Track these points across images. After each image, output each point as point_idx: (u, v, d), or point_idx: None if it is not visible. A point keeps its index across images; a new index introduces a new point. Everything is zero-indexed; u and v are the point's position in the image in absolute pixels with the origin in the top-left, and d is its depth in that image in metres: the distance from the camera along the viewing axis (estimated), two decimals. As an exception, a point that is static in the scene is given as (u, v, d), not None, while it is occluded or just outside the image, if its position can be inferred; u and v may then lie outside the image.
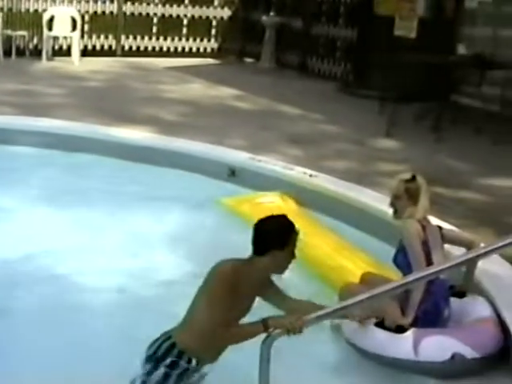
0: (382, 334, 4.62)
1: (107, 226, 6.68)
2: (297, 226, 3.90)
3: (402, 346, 4.54)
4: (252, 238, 3.88)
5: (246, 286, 3.87)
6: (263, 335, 3.81)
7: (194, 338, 3.86)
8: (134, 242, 6.42)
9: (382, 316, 4.66)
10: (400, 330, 4.61)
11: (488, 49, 11.93)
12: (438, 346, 4.54)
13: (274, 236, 3.83)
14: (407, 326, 4.66)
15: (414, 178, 4.95)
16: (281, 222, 3.89)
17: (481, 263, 4.98)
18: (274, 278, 4.07)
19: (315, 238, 6.38)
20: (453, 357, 4.48)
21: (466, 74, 11.63)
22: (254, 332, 3.82)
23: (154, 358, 3.86)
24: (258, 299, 4.05)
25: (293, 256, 3.89)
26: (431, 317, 4.78)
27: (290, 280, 4.14)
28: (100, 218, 6.87)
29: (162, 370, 3.82)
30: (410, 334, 4.58)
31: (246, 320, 3.99)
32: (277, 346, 3.82)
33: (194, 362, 3.87)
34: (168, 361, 3.83)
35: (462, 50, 11.96)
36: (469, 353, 4.50)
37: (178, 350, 3.85)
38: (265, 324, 3.80)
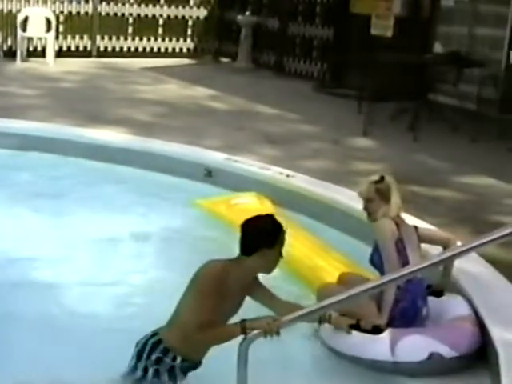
0: (358, 336, 4.57)
1: (80, 229, 6.60)
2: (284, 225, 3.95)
3: (378, 347, 4.50)
4: (240, 238, 3.94)
5: (235, 285, 3.92)
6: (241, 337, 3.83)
7: (179, 337, 3.93)
8: (109, 244, 6.36)
9: (358, 317, 4.62)
10: (376, 330, 4.57)
11: (464, 47, 11.97)
12: (414, 346, 4.50)
13: (264, 235, 3.89)
14: (383, 326, 4.62)
15: (382, 179, 4.95)
16: (269, 222, 3.97)
17: (458, 262, 4.95)
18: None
19: (292, 239, 6.33)
20: (430, 356, 4.44)
21: (442, 73, 11.63)
22: (231, 334, 3.85)
23: (141, 354, 3.95)
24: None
25: (280, 255, 3.96)
26: (409, 316, 4.75)
27: (267, 280, 4.12)
28: (73, 220, 6.80)
29: (151, 369, 3.92)
30: (386, 334, 4.55)
31: (235, 319, 3.99)
32: (255, 350, 3.80)
33: (178, 359, 3.94)
34: (154, 357, 3.93)
35: (438, 48, 11.96)
36: (447, 352, 4.47)
37: (163, 347, 3.94)
38: (242, 326, 3.83)
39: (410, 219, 5.45)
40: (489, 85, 10.75)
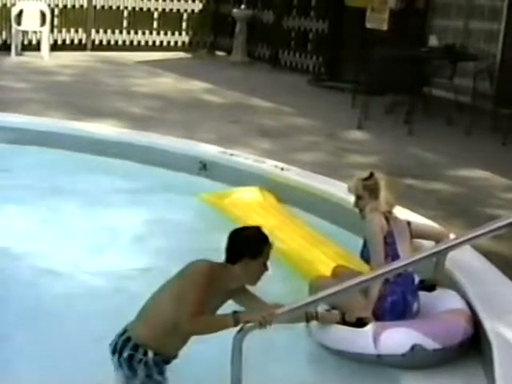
0: (342, 330, 4.57)
1: (76, 222, 6.60)
2: (271, 238, 3.98)
3: (362, 340, 4.48)
4: (226, 246, 3.97)
5: (218, 288, 3.93)
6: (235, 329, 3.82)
7: (152, 332, 3.92)
8: (107, 237, 6.35)
9: (343, 310, 4.62)
10: (360, 323, 4.57)
11: (459, 40, 11.97)
12: (397, 339, 4.47)
13: (247, 244, 3.93)
14: (367, 319, 4.61)
15: (371, 175, 4.94)
16: (255, 232, 3.99)
17: (452, 254, 4.95)
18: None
19: (294, 233, 6.36)
20: (412, 348, 4.44)
21: (437, 66, 11.64)
22: (224, 324, 3.86)
23: (115, 353, 3.95)
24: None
25: (265, 268, 3.97)
26: (399, 310, 4.74)
27: (271, 275, 4.12)
28: (71, 214, 6.81)
29: (125, 366, 3.91)
30: (369, 327, 4.53)
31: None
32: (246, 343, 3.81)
33: (150, 353, 3.91)
34: (126, 354, 3.91)
35: (433, 41, 11.96)
36: (430, 344, 4.44)
37: (133, 344, 3.92)
38: (235, 317, 3.84)
39: (404, 212, 5.45)
40: (484, 78, 10.75)
